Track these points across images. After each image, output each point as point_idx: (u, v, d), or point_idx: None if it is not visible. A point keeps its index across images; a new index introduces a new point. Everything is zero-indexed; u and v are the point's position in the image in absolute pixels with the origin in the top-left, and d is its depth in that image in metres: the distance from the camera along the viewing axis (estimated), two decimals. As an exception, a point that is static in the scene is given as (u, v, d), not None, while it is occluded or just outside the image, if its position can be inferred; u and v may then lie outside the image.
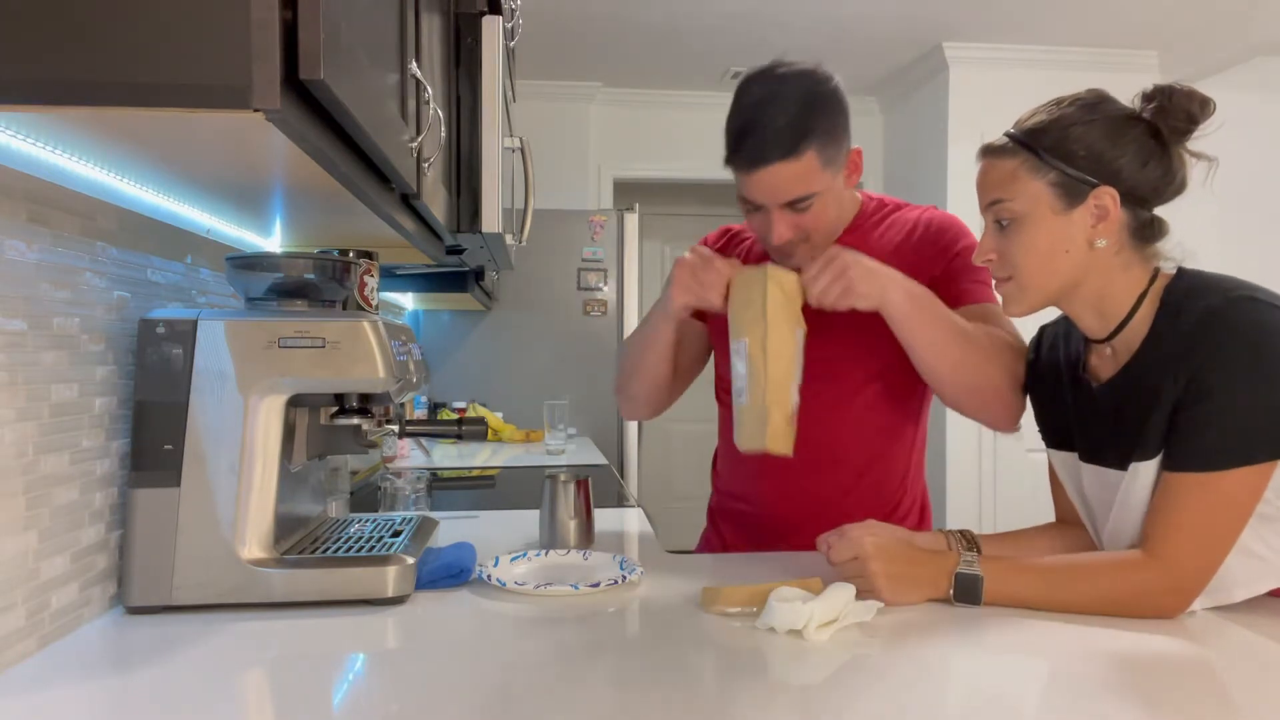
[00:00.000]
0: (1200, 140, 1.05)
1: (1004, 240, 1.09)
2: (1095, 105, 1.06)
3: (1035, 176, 1.05)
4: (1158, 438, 1.02)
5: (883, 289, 1.20)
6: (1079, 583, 1.03)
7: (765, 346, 1.20)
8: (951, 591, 1.05)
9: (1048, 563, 1.07)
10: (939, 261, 1.36)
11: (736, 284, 1.25)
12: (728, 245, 1.54)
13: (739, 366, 1.23)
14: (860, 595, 1.02)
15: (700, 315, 1.50)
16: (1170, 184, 1.05)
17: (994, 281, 1.14)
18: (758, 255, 1.50)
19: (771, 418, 1.20)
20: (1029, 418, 1.26)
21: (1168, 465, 1.01)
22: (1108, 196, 1.03)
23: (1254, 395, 0.96)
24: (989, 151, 1.11)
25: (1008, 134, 1.10)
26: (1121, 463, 1.07)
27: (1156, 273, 1.08)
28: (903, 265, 1.38)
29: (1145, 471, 1.03)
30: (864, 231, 1.42)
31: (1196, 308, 1.01)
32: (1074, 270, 1.06)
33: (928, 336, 1.23)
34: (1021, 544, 1.21)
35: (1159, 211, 1.09)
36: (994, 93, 3.94)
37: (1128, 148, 1.03)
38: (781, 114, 1.22)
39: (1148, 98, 1.05)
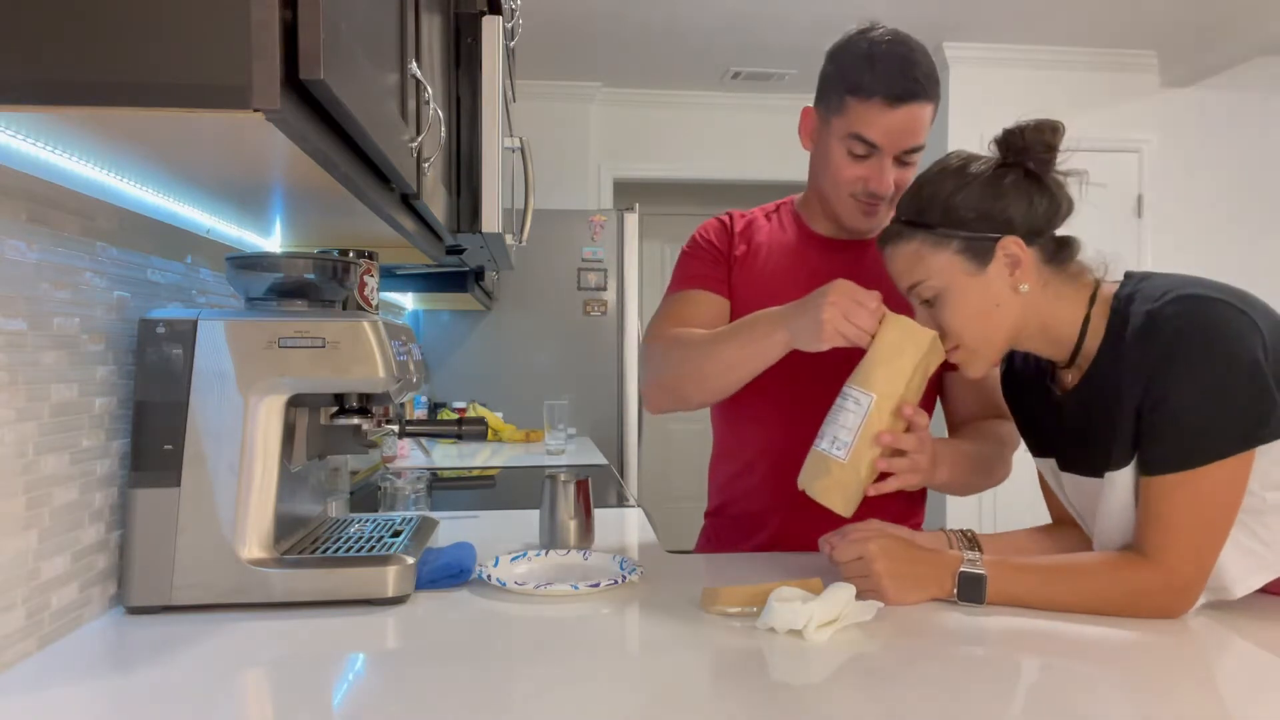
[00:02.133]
0: (1066, 159, 1.09)
1: (936, 315, 1.11)
2: (964, 169, 1.10)
3: (939, 250, 1.08)
4: (1126, 446, 1.02)
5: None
6: (1083, 583, 1.03)
7: (895, 411, 1.13)
8: (955, 591, 1.05)
9: (1052, 562, 1.07)
10: None
11: (890, 329, 1.12)
12: (748, 229, 1.47)
13: (849, 412, 1.13)
14: (863, 595, 1.02)
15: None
16: (1059, 210, 1.09)
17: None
18: (783, 245, 1.44)
19: (862, 483, 1.13)
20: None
21: (1144, 470, 1.01)
22: (1013, 244, 1.06)
23: (1209, 389, 0.96)
24: (885, 241, 1.14)
25: (896, 220, 1.13)
26: (1095, 470, 1.07)
27: (1097, 286, 1.09)
28: None
29: (1121, 480, 1.04)
30: None
31: (1146, 311, 1.02)
32: (1011, 320, 1.08)
33: (955, 490, 1.35)
34: (1022, 544, 1.22)
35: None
36: (994, 93, 3.94)
37: (1008, 194, 1.07)
38: (925, 59, 1.29)
39: (1003, 144, 1.09)
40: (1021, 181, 1.07)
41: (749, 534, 1.47)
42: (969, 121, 3.94)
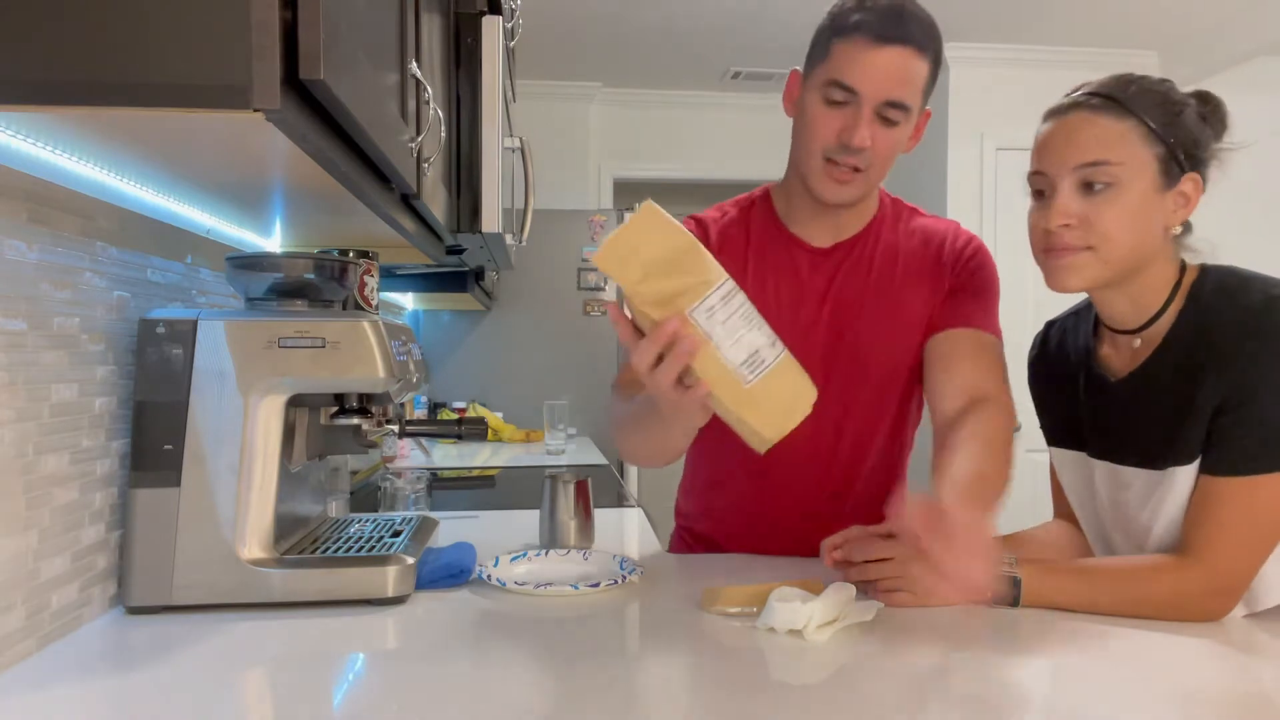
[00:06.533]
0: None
1: (1090, 206, 1.01)
2: (1179, 93, 1.04)
3: (1147, 145, 1.00)
4: (1196, 442, 0.99)
5: None
6: (1120, 586, 1.01)
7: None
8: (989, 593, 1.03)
9: (1087, 565, 1.05)
10: (952, 274, 1.31)
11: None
12: (719, 241, 1.37)
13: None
14: (891, 595, 1.03)
15: None
16: (1204, 186, 1.05)
17: (1057, 250, 1.03)
18: (768, 259, 1.36)
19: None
20: (1031, 416, 1.25)
21: (1208, 469, 0.99)
22: (1191, 184, 1.02)
23: None
24: (1093, 107, 1.02)
25: (1112, 96, 1.02)
26: (1141, 462, 1.04)
27: (1184, 265, 1.06)
28: (914, 270, 1.32)
29: (1184, 476, 1.01)
30: (882, 228, 1.35)
31: (1234, 307, 0.98)
32: (1148, 252, 1.02)
33: None
34: (1023, 546, 1.21)
35: None
36: (994, 93, 3.94)
37: (1210, 141, 1.03)
38: (924, 14, 1.23)
39: (1202, 99, 1.04)
40: (1212, 137, 1.04)
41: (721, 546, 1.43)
42: (969, 121, 3.94)
